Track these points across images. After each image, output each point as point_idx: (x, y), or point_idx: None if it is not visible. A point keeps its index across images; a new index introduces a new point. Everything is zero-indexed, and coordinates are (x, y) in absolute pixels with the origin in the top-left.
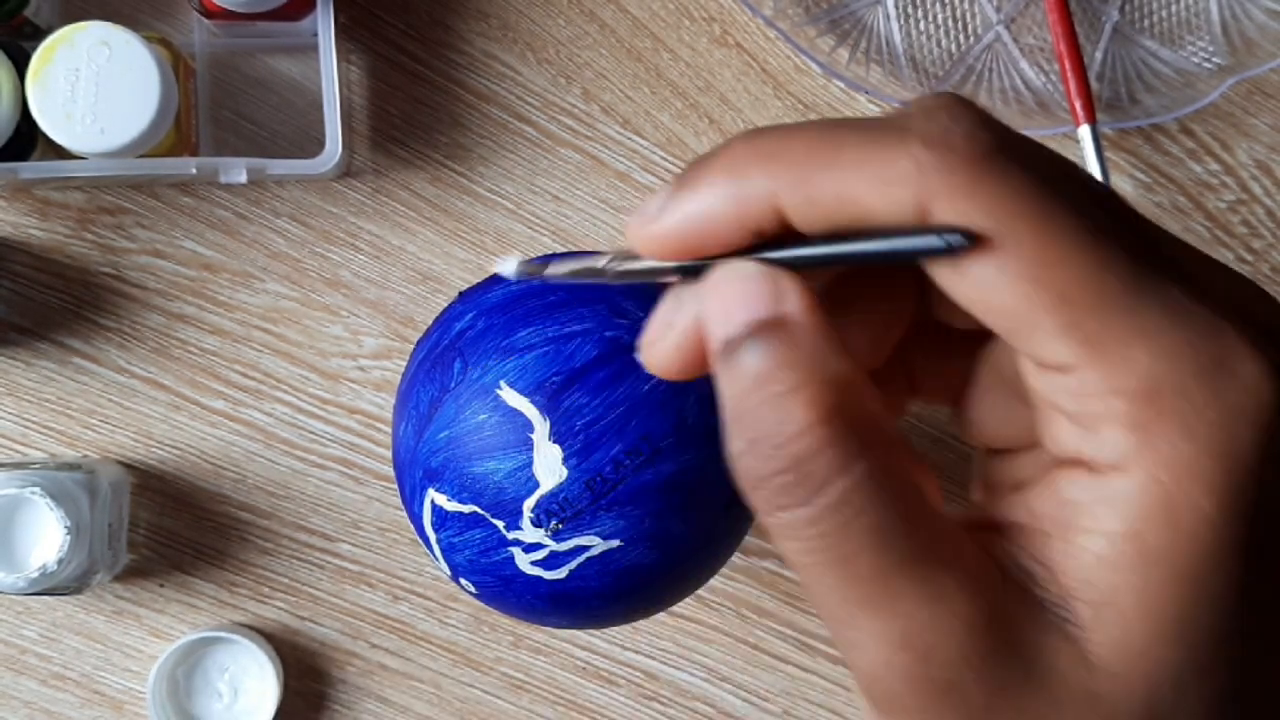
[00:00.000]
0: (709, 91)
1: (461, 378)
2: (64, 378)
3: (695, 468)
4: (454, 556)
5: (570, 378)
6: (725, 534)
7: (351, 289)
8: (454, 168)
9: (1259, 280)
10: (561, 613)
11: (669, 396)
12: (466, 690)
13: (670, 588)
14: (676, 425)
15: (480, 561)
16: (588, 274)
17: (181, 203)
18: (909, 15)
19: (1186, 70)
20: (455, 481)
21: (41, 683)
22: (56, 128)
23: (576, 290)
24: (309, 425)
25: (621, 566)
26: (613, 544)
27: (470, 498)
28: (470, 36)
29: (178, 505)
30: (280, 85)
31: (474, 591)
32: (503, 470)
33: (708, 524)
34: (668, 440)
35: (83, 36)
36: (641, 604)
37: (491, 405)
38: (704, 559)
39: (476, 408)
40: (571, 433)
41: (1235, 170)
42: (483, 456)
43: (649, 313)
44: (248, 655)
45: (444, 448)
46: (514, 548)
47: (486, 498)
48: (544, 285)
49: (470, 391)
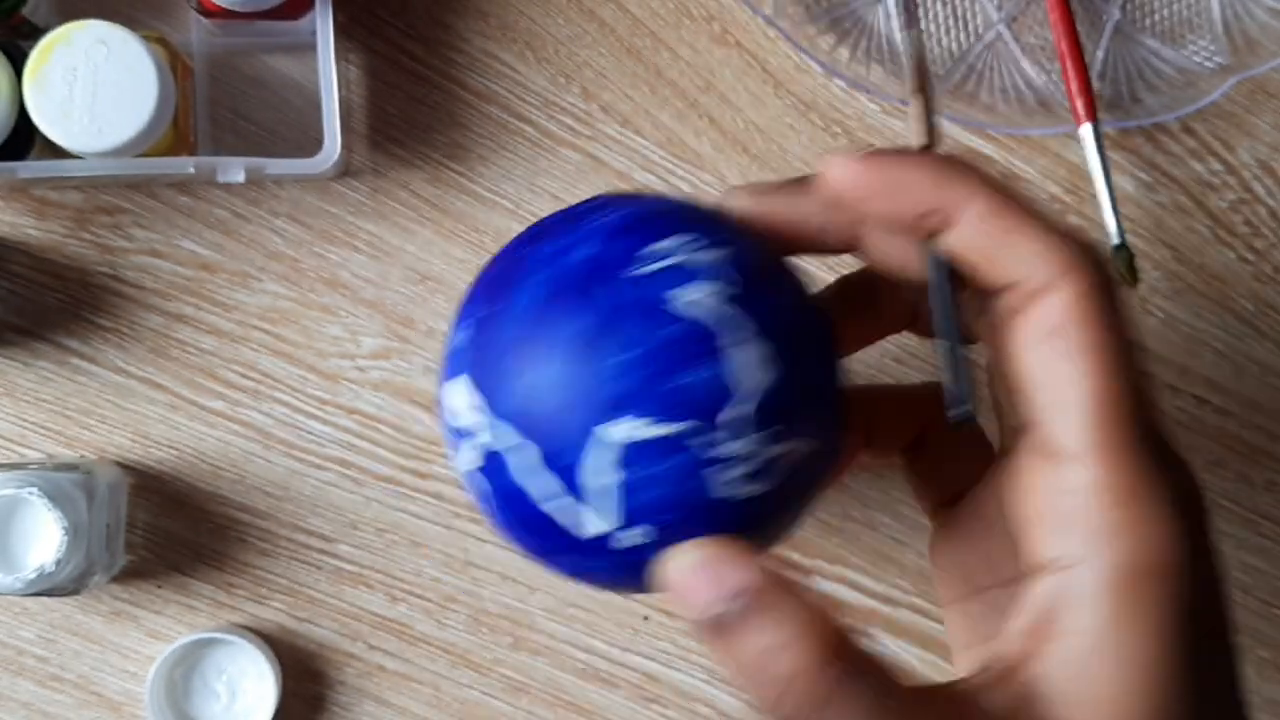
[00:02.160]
0: (709, 90)
1: (629, 294)
2: (61, 378)
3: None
4: (643, 495)
5: (750, 281)
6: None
7: (350, 289)
8: (453, 167)
9: (1262, 280)
10: (760, 527)
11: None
12: (465, 692)
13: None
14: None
15: (675, 493)
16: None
17: (179, 202)
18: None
19: (1188, 69)
20: (654, 400)
21: (39, 684)
22: (54, 127)
23: (696, 207)
24: (307, 425)
25: (820, 466)
26: (815, 444)
27: (675, 411)
28: (469, 35)
29: (176, 506)
30: (278, 84)
31: (653, 538)
32: (702, 380)
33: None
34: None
35: (80, 35)
36: (817, 498)
37: (675, 315)
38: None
39: (663, 316)
40: (770, 332)
41: (1237, 170)
42: (679, 366)
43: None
44: (246, 656)
45: (632, 367)
46: (715, 466)
47: (691, 409)
48: (656, 200)
49: (648, 305)
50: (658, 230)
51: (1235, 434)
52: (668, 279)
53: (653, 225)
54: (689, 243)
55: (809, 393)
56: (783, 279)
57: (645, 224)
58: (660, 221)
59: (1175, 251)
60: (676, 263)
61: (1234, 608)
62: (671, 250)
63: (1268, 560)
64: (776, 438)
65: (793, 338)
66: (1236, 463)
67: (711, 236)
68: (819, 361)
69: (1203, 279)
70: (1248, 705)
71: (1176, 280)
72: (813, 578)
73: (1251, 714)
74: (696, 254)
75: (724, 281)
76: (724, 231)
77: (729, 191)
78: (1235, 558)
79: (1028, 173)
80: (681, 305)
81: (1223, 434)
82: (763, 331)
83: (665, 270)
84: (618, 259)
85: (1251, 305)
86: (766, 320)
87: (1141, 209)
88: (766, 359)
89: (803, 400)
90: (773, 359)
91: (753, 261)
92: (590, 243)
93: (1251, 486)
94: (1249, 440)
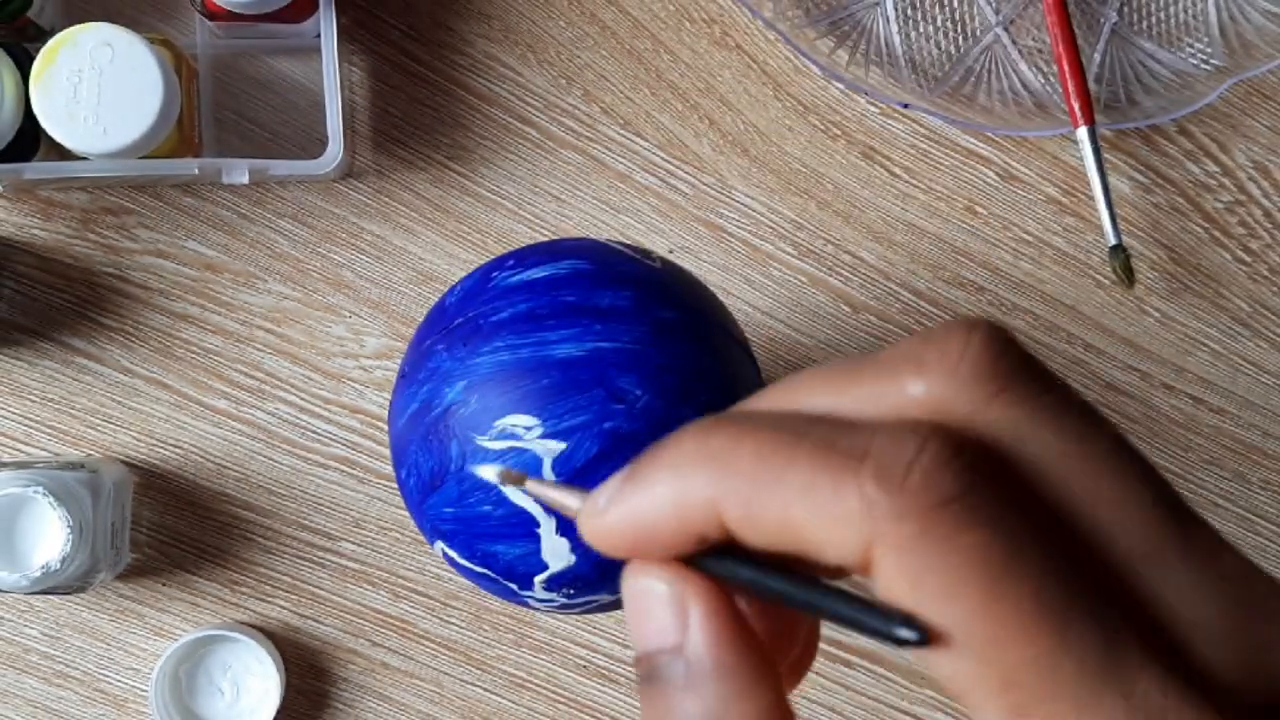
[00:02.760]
0: (709, 93)
1: (461, 464)
2: (67, 377)
3: None
4: (466, 578)
5: (571, 478)
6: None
7: (354, 289)
8: (456, 169)
9: (1257, 280)
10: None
11: None
12: (467, 688)
13: None
14: None
15: (493, 591)
16: (557, 506)
17: (184, 203)
18: (908, 17)
19: (1184, 72)
20: (465, 549)
21: (44, 681)
22: (59, 128)
23: (571, 369)
24: (311, 425)
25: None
26: (616, 597)
27: (481, 563)
28: (472, 38)
29: (180, 504)
30: (282, 86)
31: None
32: (512, 554)
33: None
34: None
35: (86, 37)
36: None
37: (495, 498)
38: None
39: (480, 498)
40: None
41: (1233, 171)
42: (491, 539)
43: (647, 390)
44: (250, 654)
45: (450, 520)
46: (527, 597)
47: (497, 568)
48: (538, 359)
49: (472, 481)
50: (517, 400)
51: (1231, 433)
52: (507, 458)
53: (516, 389)
54: (536, 428)
55: (608, 570)
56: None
57: (511, 384)
58: (526, 389)
59: (1171, 252)
60: (520, 446)
61: None
62: (519, 434)
63: (1264, 559)
64: (576, 595)
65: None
66: (1232, 462)
67: (559, 419)
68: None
69: (1198, 279)
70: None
71: (1172, 281)
72: None
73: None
74: (538, 441)
75: (550, 469)
76: (573, 414)
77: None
78: None
79: (1025, 174)
80: (511, 493)
81: (1218, 433)
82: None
83: (508, 451)
84: (476, 421)
85: (1247, 305)
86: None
87: (1138, 210)
88: (574, 548)
89: (601, 576)
90: (579, 549)
91: (583, 460)
92: (455, 385)
93: (1247, 485)
94: (1244, 439)
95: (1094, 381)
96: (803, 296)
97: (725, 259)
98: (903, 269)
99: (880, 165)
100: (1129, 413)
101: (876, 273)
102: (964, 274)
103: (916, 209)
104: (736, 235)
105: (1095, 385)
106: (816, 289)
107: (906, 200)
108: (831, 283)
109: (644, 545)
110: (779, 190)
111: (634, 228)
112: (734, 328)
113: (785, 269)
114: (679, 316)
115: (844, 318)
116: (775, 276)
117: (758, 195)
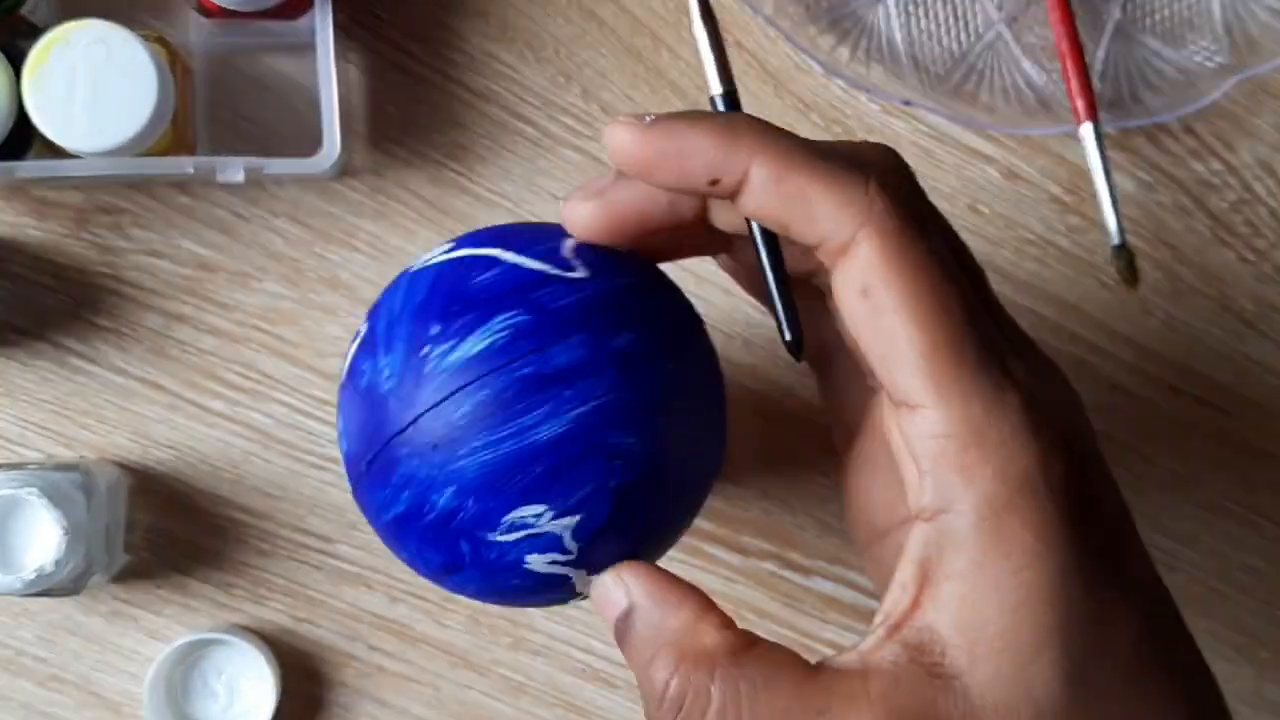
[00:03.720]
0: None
1: (476, 556)
2: (61, 378)
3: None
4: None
5: (591, 540)
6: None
7: (350, 289)
8: (453, 167)
9: (1262, 280)
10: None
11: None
12: (465, 692)
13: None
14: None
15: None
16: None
17: (179, 202)
18: (910, 13)
19: (1189, 69)
20: (495, 603)
21: (38, 684)
22: (53, 127)
23: (560, 448)
24: (307, 426)
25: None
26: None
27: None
28: (469, 36)
29: (175, 506)
30: (278, 84)
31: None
32: (544, 599)
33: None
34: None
35: (79, 35)
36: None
37: (522, 574)
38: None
39: (506, 576)
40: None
41: (1238, 170)
42: (523, 598)
43: (635, 434)
44: (245, 657)
45: (475, 594)
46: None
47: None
48: (523, 449)
49: (495, 568)
50: (517, 495)
51: (1236, 434)
52: (526, 546)
53: (515, 484)
54: (545, 512)
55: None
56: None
57: (506, 481)
58: (524, 481)
59: (1176, 251)
60: (534, 533)
61: (1233, 608)
62: (530, 522)
63: (1268, 561)
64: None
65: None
66: (1237, 463)
67: (566, 498)
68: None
69: (1203, 279)
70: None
71: (1177, 280)
72: (813, 578)
73: (1250, 713)
74: (551, 523)
75: (571, 540)
76: (577, 488)
77: (566, 208)
78: (1236, 558)
79: (1028, 173)
80: (540, 565)
81: (1223, 434)
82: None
83: (524, 539)
84: (481, 522)
85: (1252, 306)
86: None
87: (1142, 209)
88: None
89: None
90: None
91: (600, 520)
92: (445, 491)
93: (1252, 487)
94: (1249, 441)
95: (1098, 383)
96: None
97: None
98: None
99: None
100: (1133, 414)
101: None
102: None
103: None
104: None
105: (1099, 386)
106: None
107: None
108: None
109: (665, 167)
110: None
111: None
112: (655, 273)
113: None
114: (630, 336)
115: None
116: None
117: None
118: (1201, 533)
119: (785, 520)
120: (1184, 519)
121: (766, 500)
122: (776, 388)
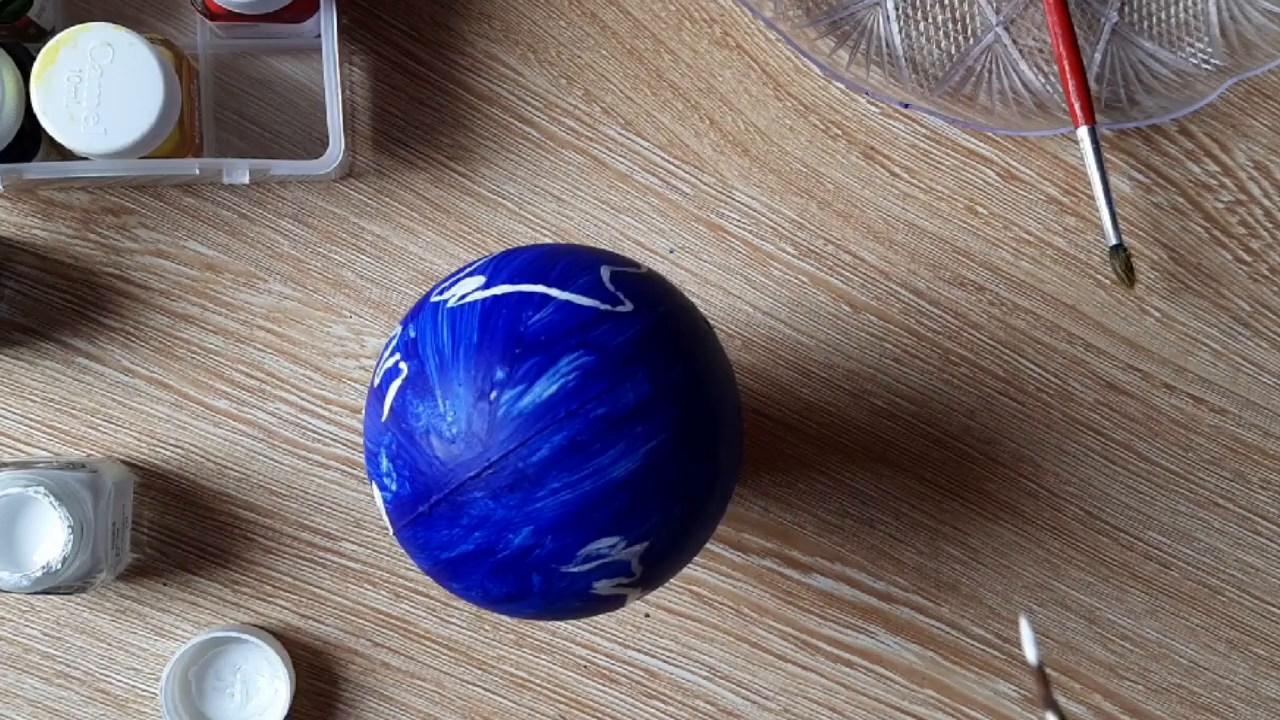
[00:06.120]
0: (710, 93)
1: (547, 587)
2: (68, 377)
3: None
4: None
5: (656, 562)
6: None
7: (354, 289)
8: (456, 169)
9: (1257, 280)
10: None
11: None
12: (468, 688)
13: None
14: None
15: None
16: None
17: (185, 203)
18: (909, 17)
19: (1185, 71)
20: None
21: (45, 681)
22: (60, 129)
23: (636, 484)
24: (312, 425)
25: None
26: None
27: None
28: (472, 38)
29: (181, 504)
30: (283, 86)
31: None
32: (586, 616)
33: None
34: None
35: (86, 38)
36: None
37: (586, 597)
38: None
39: (569, 602)
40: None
41: (1233, 171)
42: (568, 618)
43: (698, 461)
44: (259, 655)
45: (526, 617)
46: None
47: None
48: (600, 488)
49: (562, 595)
50: (594, 530)
51: (1231, 433)
52: (597, 574)
53: (589, 520)
54: (620, 542)
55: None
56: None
57: (581, 521)
58: (594, 520)
59: (1172, 252)
60: (608, 562)
61: (1228, 605)
62: (605, 553)
63: (1264, 559)
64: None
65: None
66: (1233, 461)
67: (639, 528)
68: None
69: (1199, 279)
70: None
71: (1173, 280)
72: (811, 575)
73: (1245, 709)
74: (624, 551)
75: (638, 564)
76: (650, 517)
77: None
78: (1232, 556)
79: (1026, 174)
80: (604, 589)
81: (1219, 433)
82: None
83: (597, 569)
84: (556, 556)
85: (1248, 305)
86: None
87: (1138, 210)
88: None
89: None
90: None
91: (665, 544)
92: (534, 530)
93: (1248, 485)
94: (1245, 439)
95: (1094, 381)
96: (803, 296)
97: (726, 259)
98: (903, 269)
99: (881, 165)
100: (1129, 412)
101: (877, 272)
102: (964, 274)
103: (917, 209)
104: (737, 235)
105: (1096, 385)
106: (817, 289)
107: (907, 200)
108: (832, 282)
109: None
110: (779, 190)
111: (634, 228)
112: (674, 291)
113: (786, 269)
114: (682, 367)
115: (844, 317)
116: (776, 276)
117: (758, 195)
118: (1197, 530)
119: (784, 518)
120: (1180, 516)
121: (766, 498)
122: (776, 388)
